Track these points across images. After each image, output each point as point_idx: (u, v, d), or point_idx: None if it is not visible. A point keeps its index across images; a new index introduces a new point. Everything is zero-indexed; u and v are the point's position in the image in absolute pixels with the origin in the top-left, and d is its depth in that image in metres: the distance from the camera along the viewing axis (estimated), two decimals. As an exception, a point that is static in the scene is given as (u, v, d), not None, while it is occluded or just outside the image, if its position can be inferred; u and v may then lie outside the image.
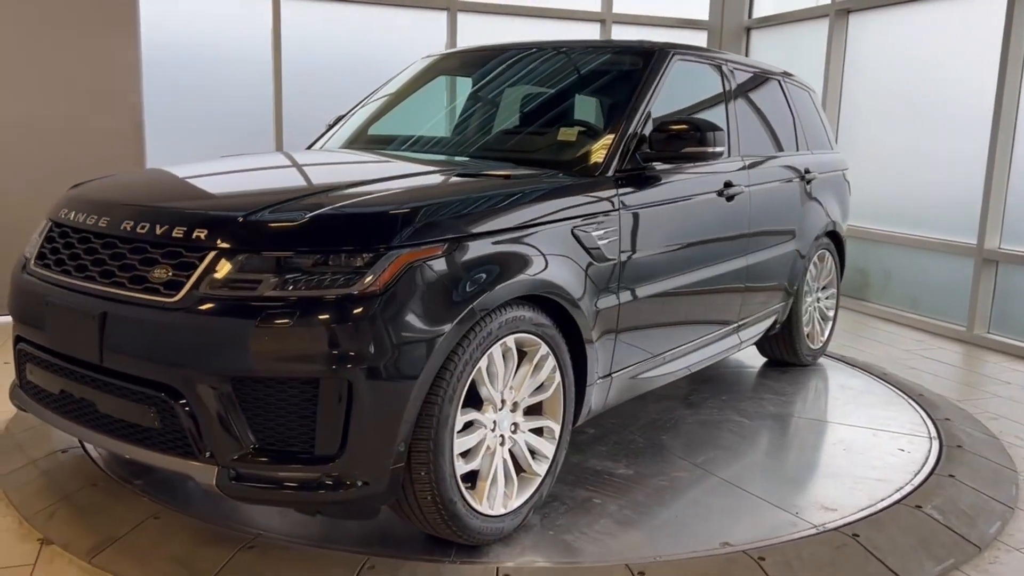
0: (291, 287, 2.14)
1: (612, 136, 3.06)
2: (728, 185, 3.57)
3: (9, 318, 2.74)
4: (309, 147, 3.98)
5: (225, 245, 2.21)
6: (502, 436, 2.54)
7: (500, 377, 2.48)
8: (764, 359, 4.72)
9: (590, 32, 7.67)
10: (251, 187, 2.81)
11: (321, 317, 2.11)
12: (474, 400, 2.44)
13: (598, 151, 3.03)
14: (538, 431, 2.68)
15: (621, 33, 7.68)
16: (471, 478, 2.47)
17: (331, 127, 4.10)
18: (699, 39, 8.05)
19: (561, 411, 2.71)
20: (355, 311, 2.12)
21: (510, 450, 2.58)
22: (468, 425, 2.43)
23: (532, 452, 2.65)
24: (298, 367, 2.13)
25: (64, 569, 2.43)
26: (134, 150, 5.58)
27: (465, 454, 2.42)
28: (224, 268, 2.18)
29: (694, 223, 3.37)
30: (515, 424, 2.59)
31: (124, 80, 5.51)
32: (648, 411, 3.77)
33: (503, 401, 2.53)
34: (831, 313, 4.83)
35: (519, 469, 2.63)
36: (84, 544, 2.52)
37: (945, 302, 5.99)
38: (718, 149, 3.06)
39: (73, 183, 2.93)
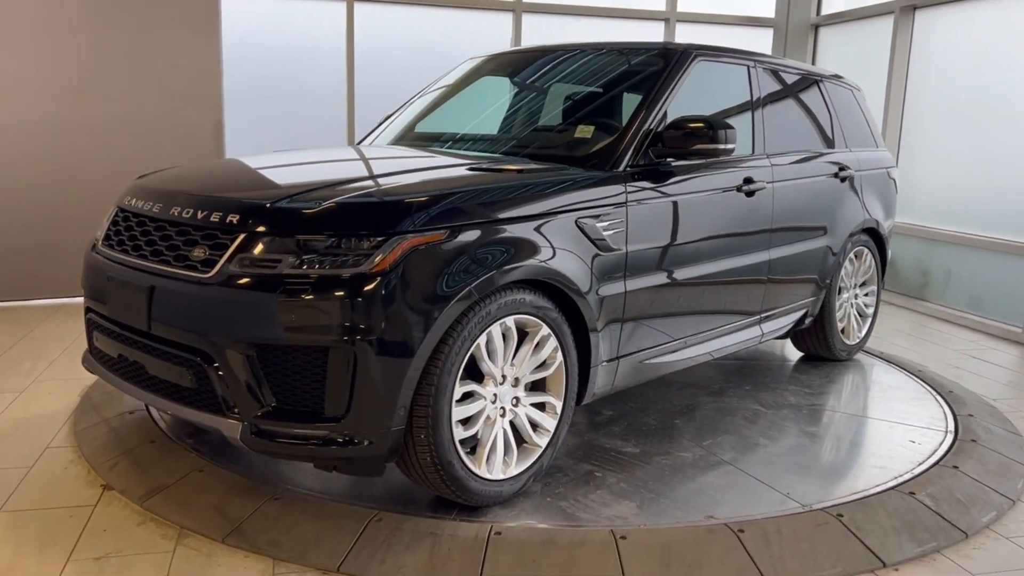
0: (307, 266, 2.43)
1: (625, 133, 3.24)
2: (748, 181, 3.69)
3: (80, 300, 3.14)
4: (359, 143, 4.30)
5: (253, 228, 2.51)
6: (503, 408, 2.77)
7: (500, 354, 2.72)
8: (800, 353, 4.79)
9: (654, 32, 7.79)
10: (284, 178, 3.12)
11: (332, 293, 2.39)
12: (478, 374, 2.68)
13: (610, 147, 3.22)
14: (540, 406, 2.90)
15: (685, 32, 7.77)
16: (474, 445, 2.71)
17: (381, 123, 4.41)
18: (765, 37, 8.05)
19: (563, 389, 2.93)
20: (362, 288, 2.39)
21: (511, 422, 2.81)
22: (468, 396, 2.67)
23: (534, 425, 2.87)
24: (311, 337, 2.41)
25: (119, 511, 2.79)
26: (214, 144, 6.04)
27: (465, 422, 2.67)
28: (251, 248, 2.49)
29: (708, 218, 3.52)
30: (516, 398, 2.81)
31: (206, 80, 5.97)
32: (670, 397, 3.93)
33: (504, 376, 2.76)
34: (870, 310, 4.86)
35: (521, 440, 2.85)
36: (138, 491, 2.88)
37: (1005, 304, 5.89)
38: (728, 146, 3.20)
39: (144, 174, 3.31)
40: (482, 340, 2.64)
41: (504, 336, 2.72)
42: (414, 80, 7.03)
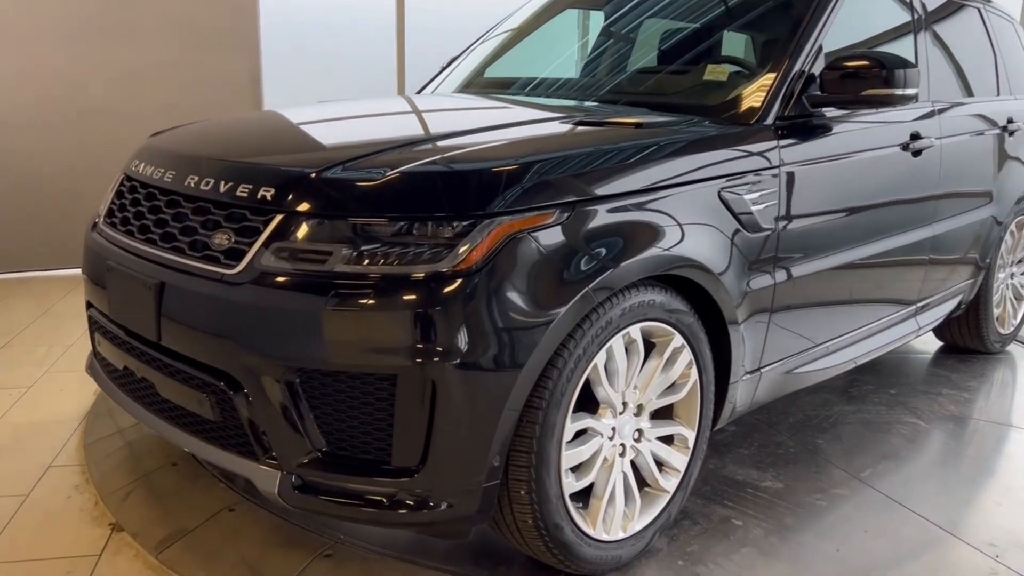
0: (367, 261, 1.75)
1: (773, 75, 2.47)
2: (915, 137, 2.91)
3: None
4: (420, 91, 3.58)
5: (293, 207, 1.83)
6: (623, 445, 2.09)
7: (622, 375, 2.02)
8: (939, 344, 4.01)
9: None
10: (333, 138, 2.42)
11: (400, 299, 1.71)
12: (589, 403, 1.99)
13: (754, 93, 2.46)
14: (667, 439, 2.21)
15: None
16: (583, 496, 2.04)
17: (444, 68, 3.69)
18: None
19: (697, 415, 2.23)
20: (442, 293, 1.70)
21: (632, 462, 2.13)
22: (580, 434, 1.99)
23: (659, 464, 2.18)
24: (373, 360, 1.73)
25: (129, 565, 2.18)
26: (251, 96, 5.37)
27: (576, 468, 1.99)
28: (291, 235, 1.81)
29: (872, 183, 2.75)
30: (639, 431, 2.12)
31: (242, 21, 5.28)
32: (800, 406, 3.20)
33: (625, 404, 2.07)
34: (1027, 291, 4.05)
35: (642, 484, 2.17)
36: (154, 535, 2.27)
37: None
38: (909, 91, 2.43)
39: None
40: (600, 358, 1.94)
41: (627, 351, 2.03)
42: (475, 23, 6.30)
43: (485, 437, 1.77)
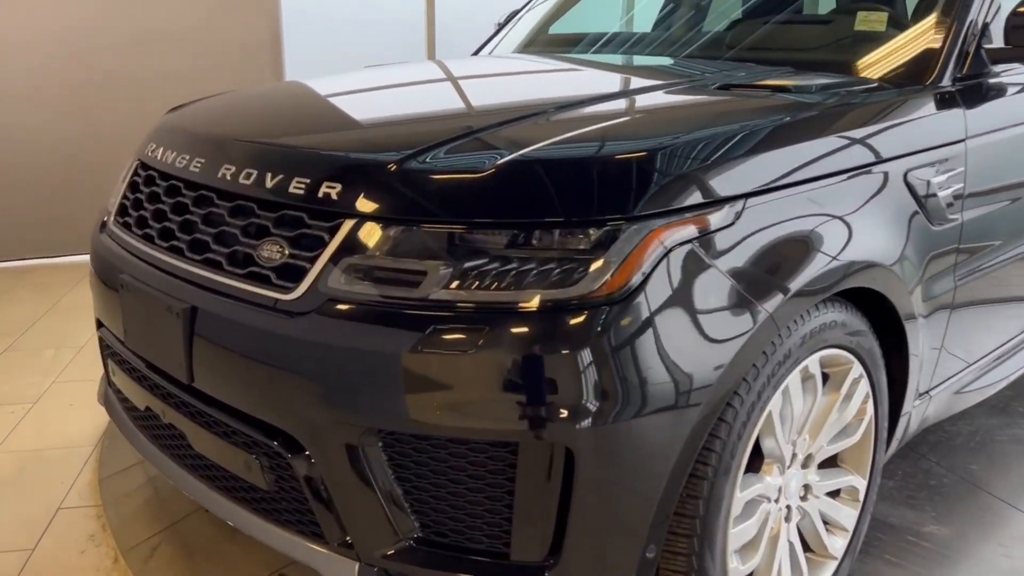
0: (474, 284, 1.27)
1: (946, 21, 1.96)
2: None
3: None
4: (475, 53, 3.08)
5: (368, 210, 1.35)
6: (787, 507, 1.62)
7: (794, 420, 1.55)
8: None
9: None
10: (407, 114, 1.91)
11: (521, 338, 1.23)
12: (751, 459, 1.52)
13: (926, 46, 1.95)
14: (832, 492, 1.74)
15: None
16: None
17: (502, 26, 3.18)
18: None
19: (869, 459, 1.76)
20: (579, 329, 1.23)
21: (798, 525, 1.66)
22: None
23: (825, 522, 1.72)
24: (484, 420, 1.26)
25: (157, 650, 1.75)
26: (271, 62, 4.86)
27: (741, 547, 1.53)
28: (367, 248, 1.33)
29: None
30: (806, 487, 1.66)
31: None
32: (939, 423, 2.72)
33: (793, 455, 1.60)
34: None
35: (806, 548, 1.71)
36: (186, 608, 1.83)
37: None
38: (1121, 42, 1.92)
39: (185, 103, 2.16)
40: (775, 403, 1.47)
41: (803, 388, 1.55)
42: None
43: (638, 521, 1.30)
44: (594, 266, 1.25)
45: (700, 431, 1.31)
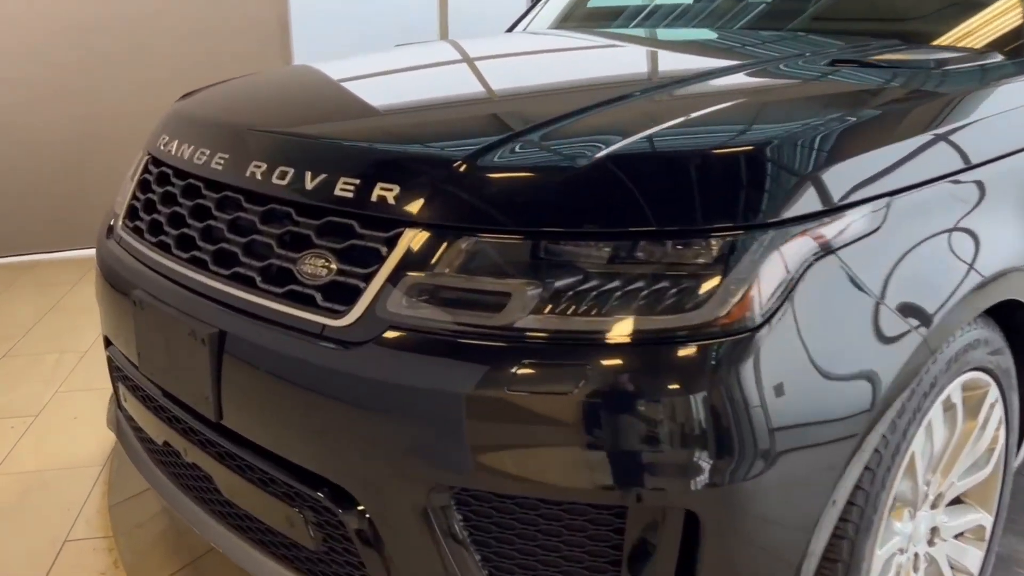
0: (570, 309, 1.03)
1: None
2: None
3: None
4: (510, 30, 2.82)
5: (435, 216, 1.11)
6: (915, 555, 1.39)
7: (933, 457, 1.31)
8: None
9: None
10: (469, 97, 1.63)
11: (632, 377, 1.00)
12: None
13: (1052, 17, 1.70)
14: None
15: None
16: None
17: (535, 4, 2.93)
18: None
19: (997, 492, 1.53)
20: (701, 365, 0.99)
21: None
22: (877, 554, 1.29)
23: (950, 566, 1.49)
24: (584, 479, 1.03)
25: None
26: (280, 46, 4.60)
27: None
28: (435, 265, 1.09)
29: None
30: (933, 529, 1.43)
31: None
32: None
33: (925, 495, 1.37)
34: None
35: (927, 597, 1.48)
36: (213, 664, 1.61)
37: None
38: None
39: (191, 90, 1.92)
40: (918, 441, 1.23)
41: (944, 418, 1.32)
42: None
43: (772, 595, 1.07)
44: (719, 285, 1.02)
45: (848, 483, 1.08)
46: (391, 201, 1.14)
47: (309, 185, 1.22)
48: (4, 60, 4.15)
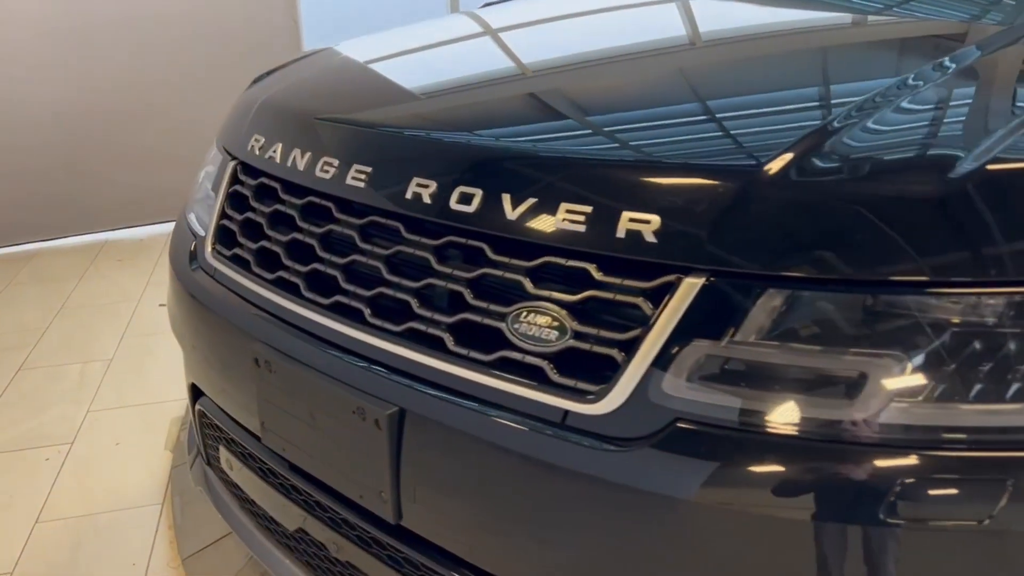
0: (958, 393, 0.73)
1: None
2: None
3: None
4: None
5: (727, 260, 0.80)
6: None
7: None
8: None
9: None
10: (699, 76, 1.22)
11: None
12: None
13: None
14: None
15: None
16: None
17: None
18: None
19: None
20: None
21: None
22: None
23: None
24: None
25: None
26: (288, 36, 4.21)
27: None
28: (738, 329, 0.78)
29: None
30: None
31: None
32: None
33: None
34: None
35: None
36: None
37: None
38: None
39: (257, 75, 1.56)
40: None
41: None
42: None
43: None
44: None
45: None
46: (650, 239, 0.82)
47: (511, 215, 0.90)
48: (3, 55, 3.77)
